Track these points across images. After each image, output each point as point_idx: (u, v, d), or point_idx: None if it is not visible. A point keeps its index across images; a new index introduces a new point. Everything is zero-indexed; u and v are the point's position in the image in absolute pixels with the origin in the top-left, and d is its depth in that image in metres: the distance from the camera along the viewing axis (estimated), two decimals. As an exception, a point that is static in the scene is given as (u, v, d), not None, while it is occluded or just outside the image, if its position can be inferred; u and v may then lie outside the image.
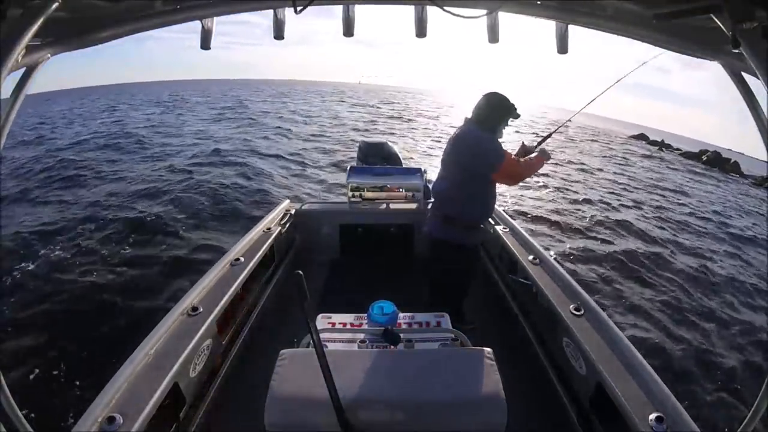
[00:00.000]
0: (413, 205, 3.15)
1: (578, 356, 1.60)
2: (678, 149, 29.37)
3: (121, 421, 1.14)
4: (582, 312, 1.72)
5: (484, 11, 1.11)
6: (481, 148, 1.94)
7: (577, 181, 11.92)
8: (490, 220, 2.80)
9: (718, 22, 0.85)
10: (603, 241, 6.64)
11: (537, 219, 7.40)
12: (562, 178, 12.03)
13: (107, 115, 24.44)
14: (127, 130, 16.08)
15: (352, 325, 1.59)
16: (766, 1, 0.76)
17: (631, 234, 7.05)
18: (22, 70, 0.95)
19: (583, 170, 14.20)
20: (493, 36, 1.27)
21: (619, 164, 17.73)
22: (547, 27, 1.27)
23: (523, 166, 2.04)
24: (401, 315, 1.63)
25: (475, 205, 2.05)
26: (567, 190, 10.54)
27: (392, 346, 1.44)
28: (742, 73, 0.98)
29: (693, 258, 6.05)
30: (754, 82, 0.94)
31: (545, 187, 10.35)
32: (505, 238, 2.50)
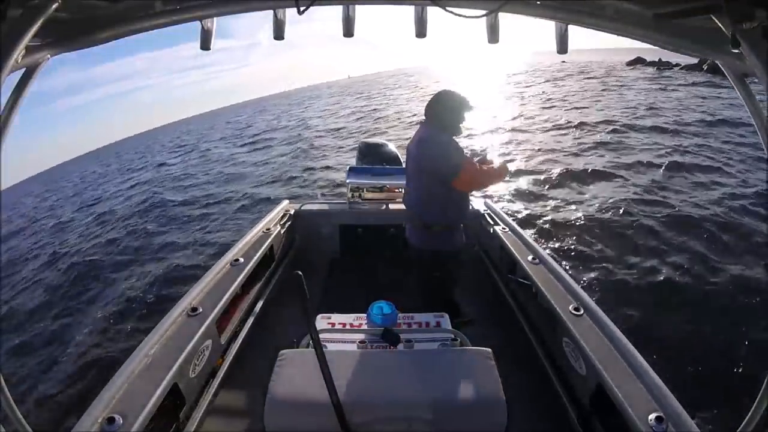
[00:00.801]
0: None
1: (578, 356, 1.60)
2: (677, 64, 28.25)
3: (121, 421, 1.14)
4: (582, 312, 1.72)
5: (484, 11, 1.11)
6: (443, 153, 1.86)
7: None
8: (489, 219, 2.80)
9: (718, 22, 0.85)
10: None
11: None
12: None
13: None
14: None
15: (351, 325, 1.59)
16: (766, 1, 0.76)
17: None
18: (22, 70, 0.95)
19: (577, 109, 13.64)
20: (493, 36, 1.27)
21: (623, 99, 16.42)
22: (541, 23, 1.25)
23: (482, 175, 1.95)
24: (401, 315, 1.63)
25: (447, 208, 1.98)
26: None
27: (392, 347, 1.44)
28: (742, 73, 0.98)
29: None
30: (754, 82, 0.94)
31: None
32: (504, 238, 2.50)
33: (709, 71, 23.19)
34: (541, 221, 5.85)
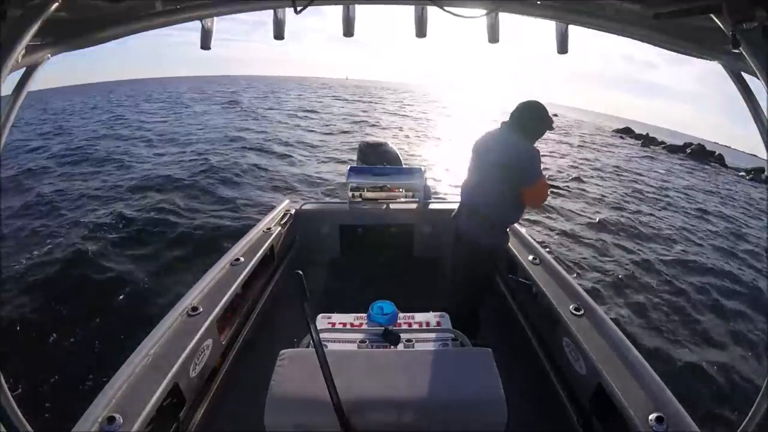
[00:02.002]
0: (413, 206, 3.15)
1: (578, 356, 1.60)
2: (662, 142, 29.24)
3: (121, 421, 1.14)
4: (582, 312, 1.72)
5: (484, 11, 1.11)
6: (529, 161, 1.89)
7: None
8: None
9: (718, 22, 0.85)
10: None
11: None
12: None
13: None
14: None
15: (352, 325, 1.59)
16: (766, 1, 0.76)
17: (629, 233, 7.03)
18: (22, 70, 0.95)
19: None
20: (493, 36, 1.27)
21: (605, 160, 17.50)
22: (543, 26, 1.26)
23: (546, 193, 2.03)
24: (401, 315, 1.63)
25: (512, 210, 2.03)
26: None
27: (392, 346, 1.44)
28: (742, 73, 0.98)
29: (688, 252, 6.03)
30: (754, 82, 0.94)
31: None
32: None
33: (691, 155, 24.38)
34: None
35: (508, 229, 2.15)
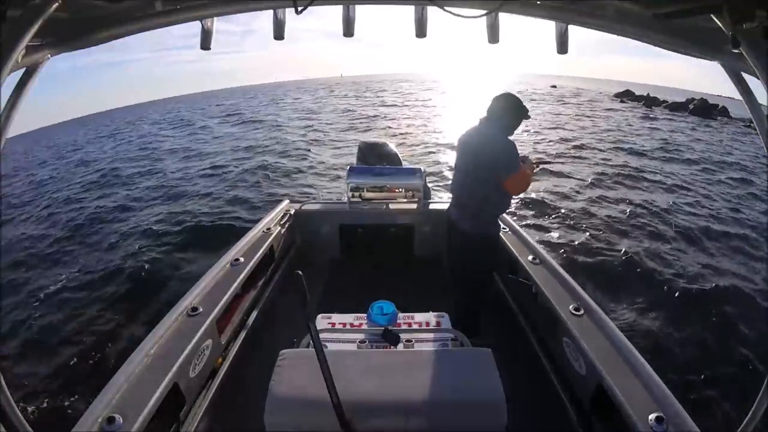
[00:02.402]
0: (413, 205, 3.15)
1: (578, 356, 1.60)
2: (664, 101, 28.78)
3: (121, 421, 1.14)
4: (582, 312, 1.72)
5: (484, 11, 1.11)
6: (506, 154, 1.99)
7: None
8: None
9: (718, 22, 0.85)
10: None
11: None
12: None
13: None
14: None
15: (352, 325, 1.59)
16: (766, 1, 0.76)
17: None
18: (22, 70, 0.95)
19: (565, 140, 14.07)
20: (493, 36, 1.27)
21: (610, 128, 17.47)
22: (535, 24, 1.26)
23: (526, 183, 2.12)
24: (401, 315, 1.63)
25: (496, 199, 2.11)
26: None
27: (392, 347, 1.44)
28: (742, 73, 0.98)
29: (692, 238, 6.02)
30: (754, 82, 0.94)
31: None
32: (504, 238, 2.50)
33: (694, 111, 24.15)
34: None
35: (498, 219, 2.27)
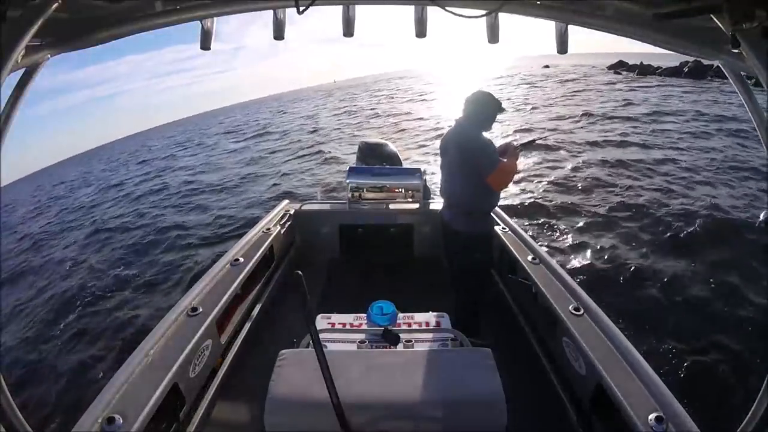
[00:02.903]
0: (413, 205, 3.14)
1: (578, 356, 1.60)
2: (659, 68, 28.40)
3: (121, 421, 1.14)
4: (582, 312, 1.72)
5: (484, 11, 1.11)
6: (483, 151, 2.02)
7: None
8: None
9: (718, 22, 0.85)
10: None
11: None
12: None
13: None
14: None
15: (351, 325, 1.59)
16: (766, 1, 0.76)
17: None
18: (23, 70, 0.95)
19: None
20: (493, 36, 1.27)
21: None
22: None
23: (509, 176, 2.13)
24: (401, 315, 1.63)
25: (484, 197, 2.13)
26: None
27: (392, 347, 1.44)
28: (742, 73, 0.99)
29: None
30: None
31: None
32: (504, 238, 2.50)
33: (688, 74, 23.72)
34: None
35: (490, 216, 2.33)
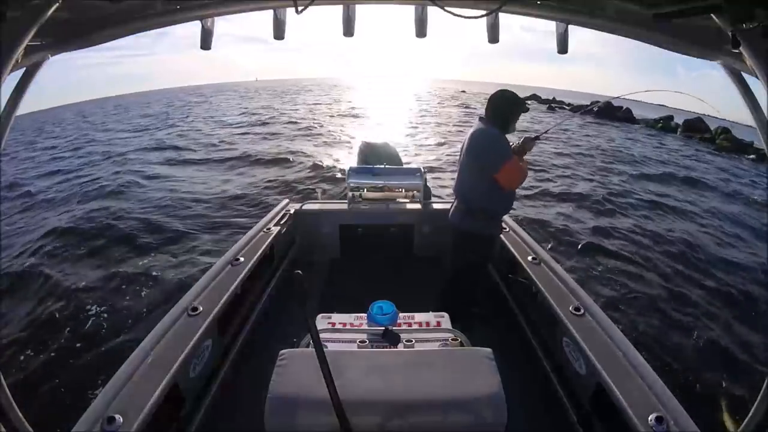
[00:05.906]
0: (413, 205, 3.15)
1: (578, 356, 1.60)
2: (570, 104, 29.83)
3: (121, 421, 1.14)
4: (582, 312, 1.72)
5: (484, 11, 1.11)
6: (490, 148, 2.01)
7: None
8: None
9: (718, 22, 0.85)
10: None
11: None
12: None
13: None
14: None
15: (352, 325, 1.59)
16: (766, 1, 0.76)
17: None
18: (22, 70, 0.95)
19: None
20: (493, 36, 1.27)
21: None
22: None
23: (521, 175, 2.05)
24: (401, 315, 1.63)
25: (490, 197, 2.10)
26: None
27: (392, 346, 1.44)
28: (742, 73, 0.99)
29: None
30: (754, 82, 0.94)
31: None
32: (504, 238, 2.50)
33: (598, 114, 25.05)
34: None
35: (498, 220, 2.25)
